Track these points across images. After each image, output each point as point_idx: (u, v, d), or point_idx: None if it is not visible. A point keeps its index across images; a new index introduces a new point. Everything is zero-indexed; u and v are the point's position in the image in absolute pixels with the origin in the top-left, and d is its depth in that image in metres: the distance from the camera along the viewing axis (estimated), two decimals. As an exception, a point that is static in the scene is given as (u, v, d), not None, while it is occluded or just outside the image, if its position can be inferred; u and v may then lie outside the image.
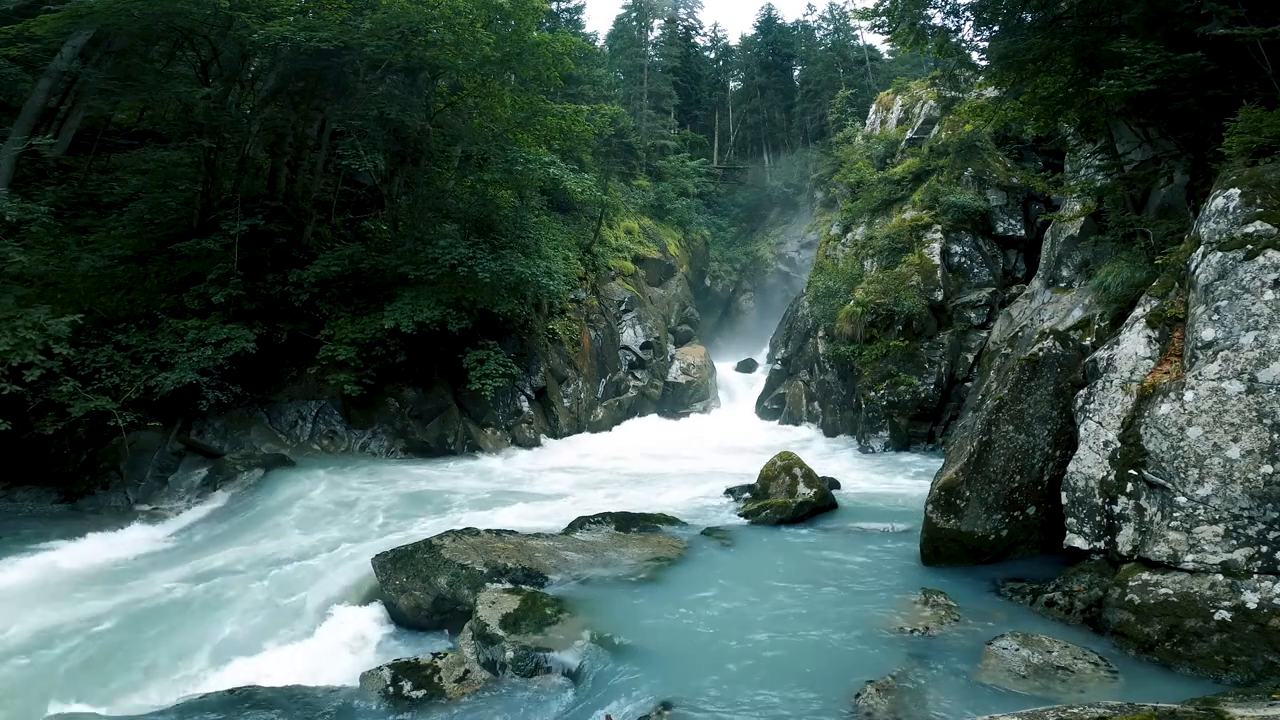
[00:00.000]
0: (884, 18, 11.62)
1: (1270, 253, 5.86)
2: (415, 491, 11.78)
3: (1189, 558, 5.64)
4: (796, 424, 21.24)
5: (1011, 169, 19.18)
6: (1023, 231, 18.65)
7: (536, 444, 17.10)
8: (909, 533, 8.60)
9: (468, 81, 17.14)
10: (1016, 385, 7.65)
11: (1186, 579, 5.58)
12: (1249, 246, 5.98)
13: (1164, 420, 6.03)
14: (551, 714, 5.19)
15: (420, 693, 5.44)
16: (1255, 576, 5.32)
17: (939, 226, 18.66)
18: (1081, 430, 6.76)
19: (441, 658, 5.80)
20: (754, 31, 50.29)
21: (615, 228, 27.22)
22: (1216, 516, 5.57)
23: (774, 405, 23.15)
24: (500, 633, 6.01)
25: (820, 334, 20.89)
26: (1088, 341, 8.64)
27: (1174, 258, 7.15)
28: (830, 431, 19.46)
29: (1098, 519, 6.36)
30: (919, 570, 7.47)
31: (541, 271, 15.99)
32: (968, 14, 11.23)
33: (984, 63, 12.37)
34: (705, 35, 51.64)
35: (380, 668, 5.74)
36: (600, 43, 42.23)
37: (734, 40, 58.44)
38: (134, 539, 9.91)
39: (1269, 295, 5.77)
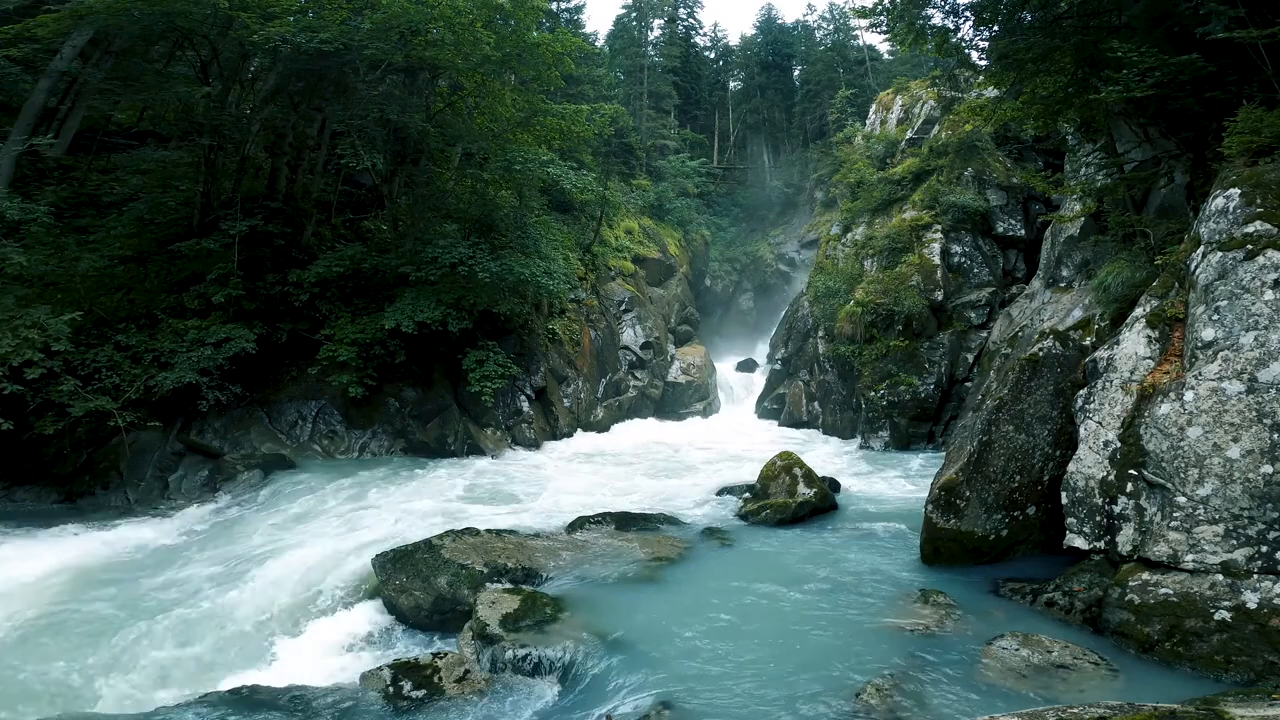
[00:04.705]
0: (883, 17, 11.63)
1: (1270, 253, 5.87)
2: (415, 491, 11.77)
3: (1189, 558, 5.64)
4: (796, 424, 21.23)
5: (1011, 169, 19.19)
6: (1023, 231, 18.66)
7: (536, 444, 17.07)
8: (909, 533, 8.61)
9: (468, 81, 17.14)
10: (1016, 385, 7.65)
11: (1186, 579, 5.59)
12: (1249, 246, 5.99)
13: (1164, 420, 6.03)
14: (551, 713, 5.20)
15: (420, 692, 5.45)
16: (1255, 576, 5.32)
17: (939, 226, 18.67)
18: (1081, 430, 6.76)
19: (441, 658, 5.81)
20: (754, 31, 50.35)
21: (615, 228, 27.18)
22: (1216, 516, 5.58)
23: (774, 405, 23.15)
24: (500, 632, 6.01)
25: (820, 334, 20.89)
26: (1088, 341, 8.63)
27: (1174, 258, 7.16)
28: (830, 431, 19.45)
29: (1098, 519, 6.36)
30: (919, 570, 7.48)
31: (541, 271, 15.98)
32: (967, 14, 11.24)
33: (984, 63, 12.39)
34: (705, 35, 51.62)
35: (380, 667, 5.75)
36: (600, 43, 42.22)
37: (734, 40, 58.59)
38: (133, 539, 9.88)
39: (1269, 295, 5.77)
